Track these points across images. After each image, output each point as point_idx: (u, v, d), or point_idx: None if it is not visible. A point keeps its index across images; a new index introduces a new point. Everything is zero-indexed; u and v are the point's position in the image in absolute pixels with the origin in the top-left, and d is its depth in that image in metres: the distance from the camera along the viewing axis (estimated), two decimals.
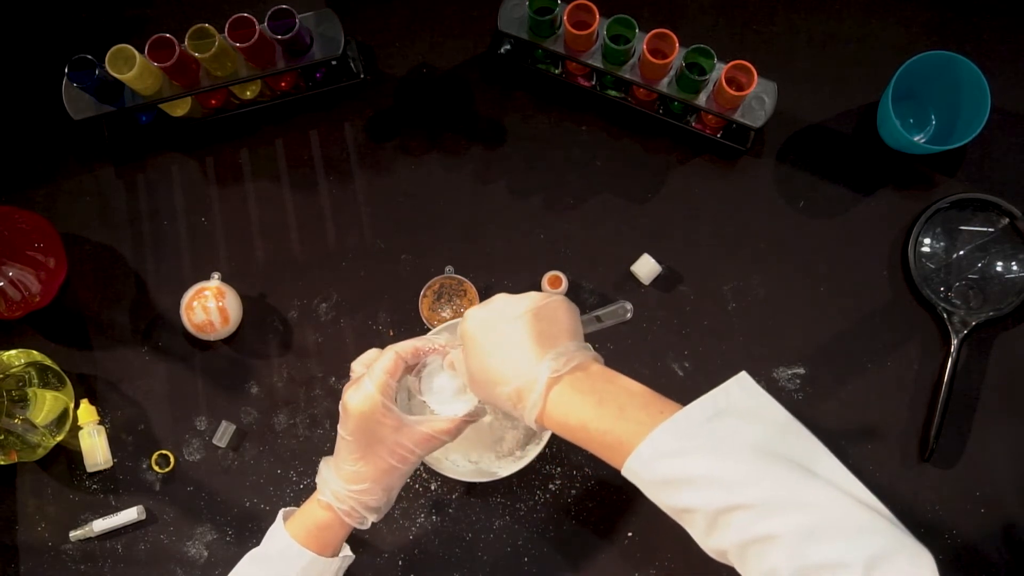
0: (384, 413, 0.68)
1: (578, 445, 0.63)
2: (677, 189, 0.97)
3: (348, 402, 0.69)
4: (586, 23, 0.88)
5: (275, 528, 0.74)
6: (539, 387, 0.62)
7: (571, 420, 0.62)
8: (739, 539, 0.54)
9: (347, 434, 0.70)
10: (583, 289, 0.95)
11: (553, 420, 0.63)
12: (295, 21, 0.86)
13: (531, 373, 0.63)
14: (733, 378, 0.61)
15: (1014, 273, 0.94)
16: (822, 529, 0.52)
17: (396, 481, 0.72)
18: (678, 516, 0.59)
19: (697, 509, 0.56)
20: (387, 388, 0.69)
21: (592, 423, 0.61)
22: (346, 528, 0.72)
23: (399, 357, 0.70)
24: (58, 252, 0.95)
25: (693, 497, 0.56)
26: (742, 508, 0.54)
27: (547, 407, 0.63)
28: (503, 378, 0.64)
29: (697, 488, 0.56)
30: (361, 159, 0.99)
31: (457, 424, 0.71)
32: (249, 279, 0.97)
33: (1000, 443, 0.91)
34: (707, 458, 0.56)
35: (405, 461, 0.70)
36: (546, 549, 0.91)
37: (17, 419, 0.87)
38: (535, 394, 0.62)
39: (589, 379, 0.63)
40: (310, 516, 0.72)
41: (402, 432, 0.69)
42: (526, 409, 0.63)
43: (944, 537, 0.90)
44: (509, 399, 0.64)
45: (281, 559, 0.71)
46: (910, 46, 0.98)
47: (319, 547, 0.72)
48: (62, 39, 1.02)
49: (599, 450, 0.62)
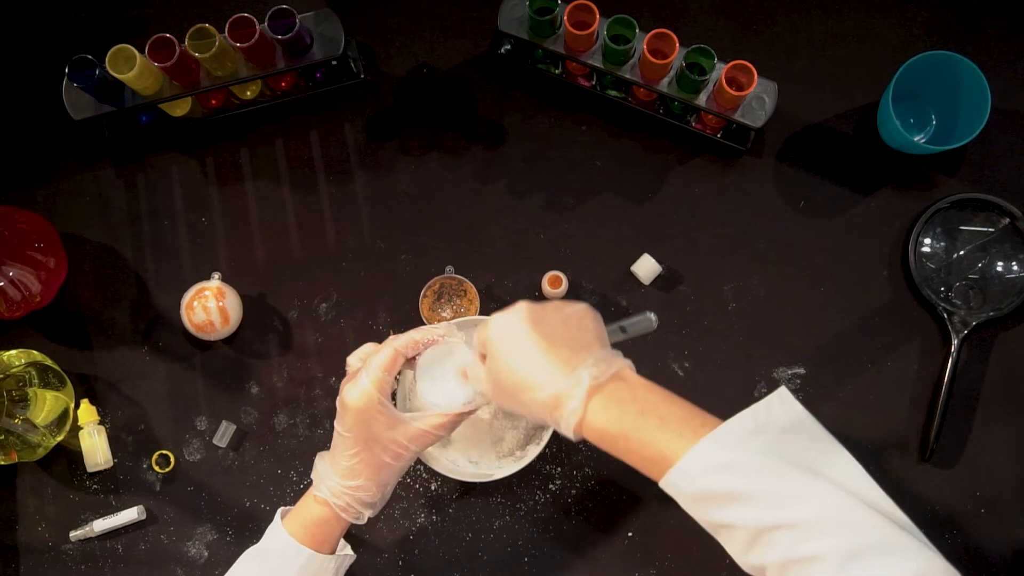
0: (379, 409, 0.68)
1: (613, 455, 0.62)
2: (677, 189, 0.97)
3: (345, 398, 0.69)
4: (586, 23, 0.88)
5: (273, 526, 0.74)
6: (580, 394, 0.61)
7: (611, 429, 0.61)
8: (782, 558, 0.54)
9: (344, 430, 0.70)
10: (583, 289, 0.95)
11: (593, 429, 0.62)
12: (295, 21, 0.86)
13: (569, 379, 0.62)
14: (774, 393, 0.60)
15: (1014, 273, 0.94)
16: (866, 551, 0.52)
17: (391, 477, 0.72)
18: (715, 530, 0.59)
19: (739, 525, 0.56)
20: (383, 384, 0.69)
21: (633, 433, 0.60)
22: (342, 524, 0.72)
23: (397, 353, 0.70)
24: (58, 252, 0.95)
25: (735, 514, 0.56)
26: (786, 527, 0.54)
27: (587, 416, 0.62)
28: (536, 384, 0.63)
29: (740, 504, 0.56)
30: (361, 159, 0.99)
31: (451, 419, 0.71)
32: (249, 279, 0.97)
33: (1000, 443, 0.91)
34: (751, 474, 0.56)
35: (399, 457, 0.70)
36: (546, 549, 0.91)
37: (17, 419, 0.87)
38: (575, 401, 0.61)
39: (629, 388, 0.62)
40: (306, 512, 0.73)
41: (396, 428, 0.69)
42: (563, 417, 0.62)
43: (944, 537, 0.90)
44: (544, 406, 0.63)
45: (279, 556, 0.72)
46: (910, 46, 0.98)
47: (316, 543, 0.72)
48: (62, 39, 1.02)
49: (637, 461, 0.61)
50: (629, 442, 0.61)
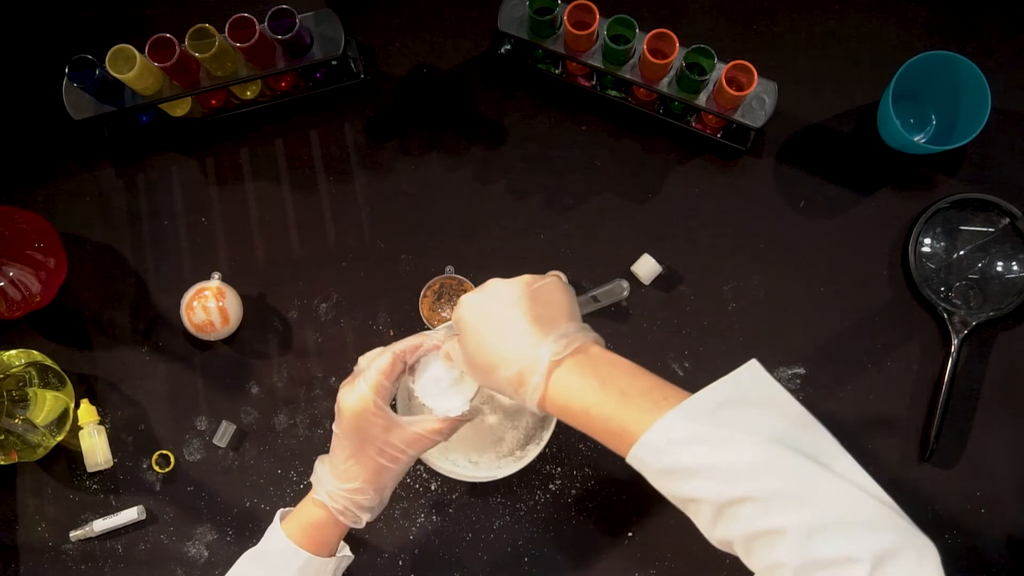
0: (375, 413, 0.68)
1: (580, 430, 0.62)
2: (677, 189, 0.97)
3: (341, 400, 0.69)
4: (586, 23, 0.88)
5: (272, 528, 0.74)
6: (541, 370, 0.61)
7: (573, 404, 0.61)
8: (746, 531, 0.53)
9: (341, 433, 0.70)
10: (583, 289, 0.95)
11: (555, 404, 0.62)
12: (295, 21, 0.86)
13: (531, 355, 0.62)
14: (744, 366, 0.59)
15: (1014, 273, 0.94)
16: (830, 524, 0.51)
17: (388, 481, 0.72)
18: (683, 505, 0.58)
19: (704, 499, 0.55)
20: (381, 388, 0.68)
21: (594, 408, 0.60)
22: (341, 527, 0.72)
23: (396, 358, 0.70)
24: (58, 252, 0.95)
25: (700, 487, 0.55)
26: (750, 500, 0.53)
27: (549, 391, 0.61)
28: (502, 361, 0.63)
29: (704, 478, 0.55)
30: (361, 159, 0.99)
31: (449, 424, 0.71)
32: (249, 279, 0.97)
33: (1000, 443, 0.91)
34: (716, 448, 0.55)
35: (396, 461, 0.70)
36: (546, 549, 0.91)
37: (17, 419, 0.87)
38: (536, 376, 0.61)
39: (591, 362, 0.62)
40: (305, 515, 0.72)
41: (393, 432, 0.69)
42: (527, 393, 0.62)
43: (944, 537, 0.90)
44: (510, 383, 0.63)
45: (278, 559, 0.71)
46: (910, 46, 0.98)
47: (315, 546, 0.71)
48: (62, 39, 1.02)
49: (601, 436, 0.61)
50: (590, 417, 0.60)
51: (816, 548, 0.51)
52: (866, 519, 0.52)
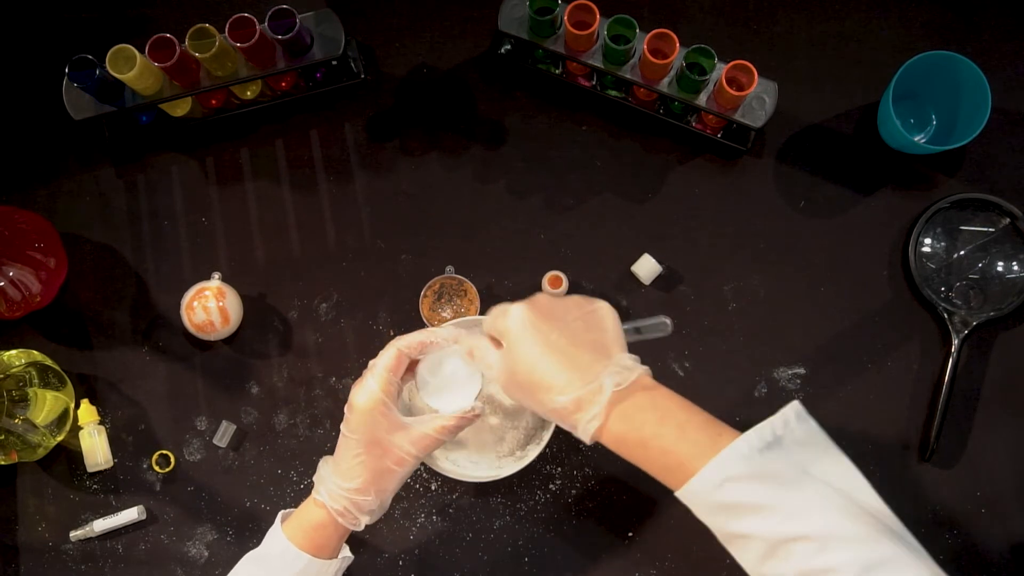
0: (383, 412, 0.69)
1: (630, 461, 0.63)
2: (677, 189, 0.97)
3: (353, 400, 0.69)
4: (586, 23, 0.88)
5: (273, 530, 0.74)
6: (601, 401, 0.61)
7: (630, 437, 0.62)
8: (797, 570, 0.55)
9: (348, 431, 0.70)
10: (583, 289, 0.95)
11: (612, 434, 0.62)
12: (295, 21, 0.86)
13: (591, 385, 0.62)
14: (788, 406, 0.60)
15: (1015, 273, 0.94)
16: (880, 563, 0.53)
17: (390, 484, 0.71)
18: (729, 541, 0.59)
19: (756, 536, 0.56)
20: (388, 385, 0.69)
21: (652, 441, 0.61)
22: (341, 529, 0.72)
23: (401, 354, 0.70)
24: (58, 252, 0.95)
25: (753, 524, 0.56)
26: (803, 539, 0.54)
27: (608, 423, 0.62)
28: (555, 386, 0.63)
29: (758, 516, 0.56)
30: (361, 159, 0.99)
31: (454, 423, 0.71)
32: (249, 279, 0.97)
33: (1000, 443, 0.91)
34: (769, 486, 0.56)
35: (402, 463, 0.70)
36: (546, 549, 0.91)
37: (17, 419, 0.87)
38: (597, 407, 0.61)
39: (648, 396, 0.63)
40: (305, 516, 0.72)
41: (398, 432, 0.69)
42: (582, 422, 0.62)
43: (944, 537, 0.90)
44: (564, 408, 0.63)
45: (279, 561, 0.71)
46: (910, 46, 0.98)
47: (315, 548, 0.71)
48: (62, 39, 1.02)
49: (655, 469, 0.62)
50: (648, 450, 0.61)
51: None
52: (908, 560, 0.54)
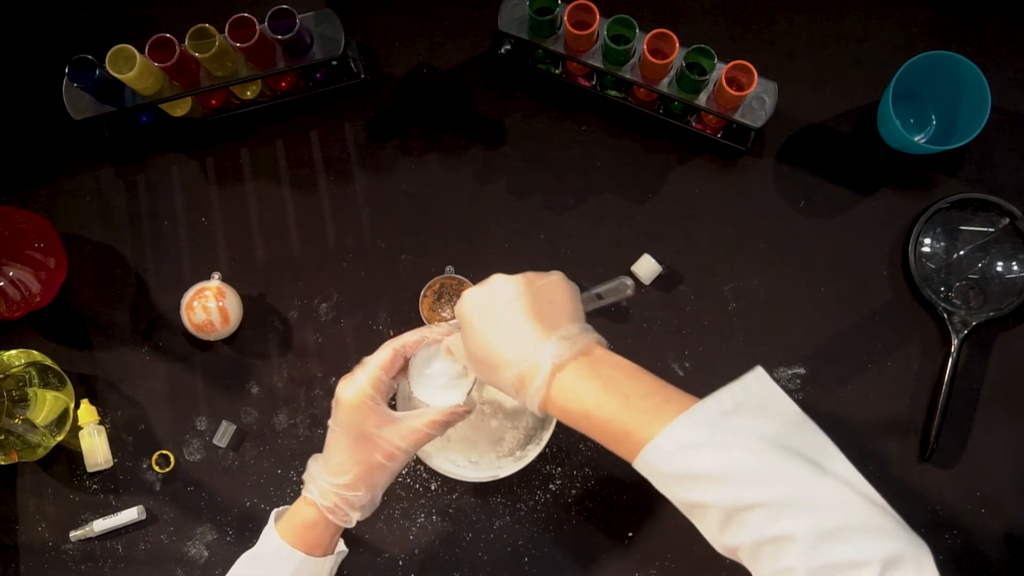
0: (371, 406, 0.68)
1: (583, 433, 0.62)
2: (677, 189, 0.97)
3: (339, 394, 0.69)
4: (586, 23, 0.88)
5: (267, 529, 0.74)
6: (543, 373, 0.61)
7: (574, 407, 0.61)
8: (753, 538, 0.53)
9: (336, 425, 0.70)
10: (583, 289, 0.95)
11: (557, 406, 0.62)
12: (295, 21, 0.86)
13: (533, 358, 0.61)
14: (750, 372, 0.59)
15: (1014, 273, 0.94)
16: (838, 530, 0.52)
17: (381, 480, 0.71)
18: (689, 511, 0.58)
19: (712, 505, 0.55)
20: (379, 383, 0.69)
21: (595, 411, 0.60)
22: (333, 527, 0.72)
23: (396, 353, 0.70)
24: (58, 252, 0.95)
25: (709, 493, 0.55)
26: (758, 507, 0.53)
27: (551, 394, 0.61)
28: (504, 362, 0.63)
29: (713, 484, 0.55)
30: (361, 159, 0.99)
31: (444, 417, 0.70)
32: (249, 279, 0.97)
33: (1000, 443, 0.91)
34: (725, 453, 0.55)
35: (392, 458, 0.70)
36: (546, 549, 0.91)
37: (17, 419, 0.87)
38: (538, 380, 0.61)
39: (592, 364, 0.61)
40: (297, 515, 0.72)
41: (388, 427, 0.69)
42: (529, 395, 0.62)
43: (944, 537, 0.90)
44: (512, 384, 0.63)
45: (273, 560, 0.71)
46: (910, 46, 0.98)
47: (308, 547, 0.71)
48: (62, 39, 1.02)
49: (604, 439, 0.61)
50: (592, 420, 0.60)
51: (826, 553, 0.51)
52: (873, 525, 0.52)
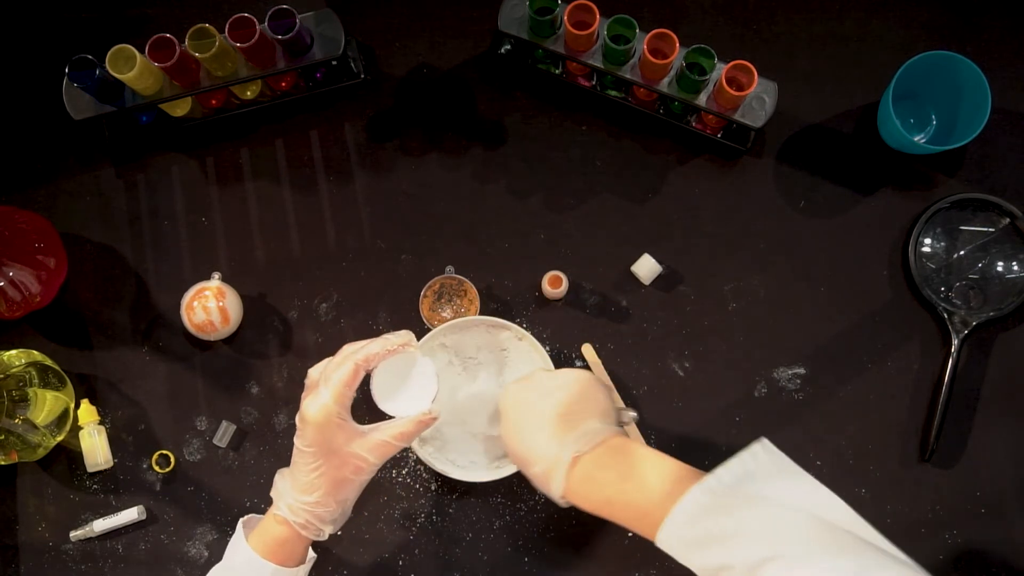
0: (338, 424, 0.68)
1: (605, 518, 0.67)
2: (677, 189, 0.97)
3: (305, 412, 0.68)
4: (586, 23, 0.88)
5: (236, 541, 0.73)
6: (562, 469, 0.67)
7: (594, 497, 0.67)
8: None
9: (304, 445, 0.69)
10: (583, 289, 0.95)
11: (578, 496, 0.68)
12: (295, 21, 0.86)
13: (554, 455, 0.68)
14: (756, 442, 0.64)
15: (1015, 273, 0.94)
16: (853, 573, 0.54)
17: (350, 493, 0.71)
18: None
19: (731, 565, 0.58)
20: (343, 398, 0.68)
21: (616, 497, 0.65)
22: (304, 540, 0.72)
23: (358, 367, 0.69)
24: (58, 252, 0.95)
25: (727, 553, 0.58)
26: (777, 558, 0.56)
27: (572, 486, 0.67)
28: (532, 459, 0.70)
29: (730, 544, 0.58)
30: (361, 159, 0.99)
31: (413, 428, 0.71)
32: (249, 279, 0.97)
33: (1000, 443, 0.91)
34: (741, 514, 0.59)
35: (359, 471, 0.70)
36: (546, 549, 0.91)
37: (17, 419, 0.87)
38: (559, 475, 0.67)
39: (612, 455, 0.67)
40: (268, 532, 0.72)
41: (355, 441, 0.69)
42: (552, 488, 0.68)
43: (944, 537, 0.90)
44: (537, 479, 0.70)
45: (247, 572, 0.71)
46: (910, 46, 0.98)
47: (281, 560, 0.71)
48: (62, 39, 1.02)
49: (625, 522, 0.66)
50: (613, 506, 0.66)
51: None
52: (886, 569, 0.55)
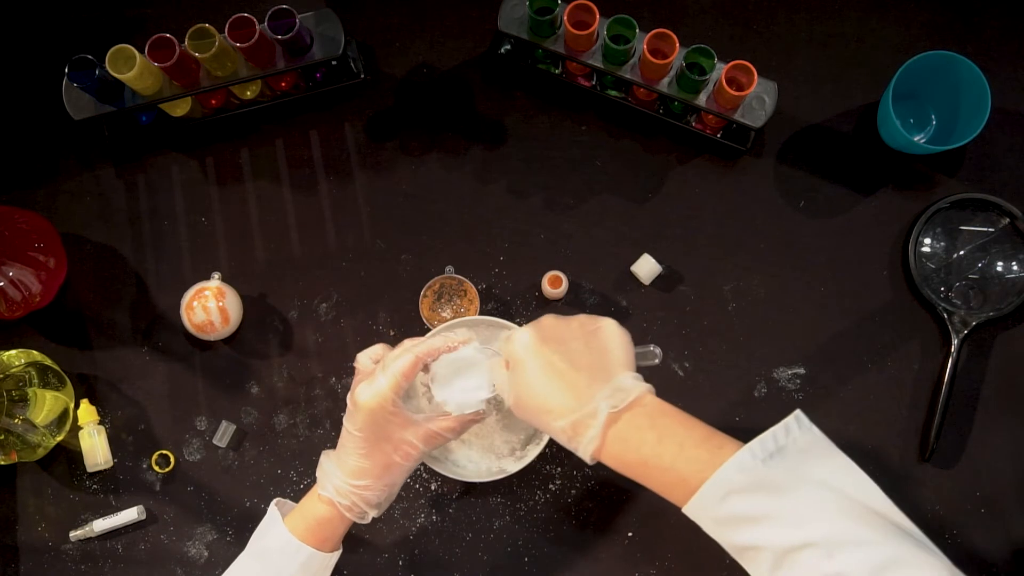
0: (392, 411, 0.69)
1: (634, 479, 0.63)
2: (677, 189, 0.97)
3: (359, 397, 0.69)
4: (586, 23, 0.88)
5: (272, 522, 0.74)
6: (597, 424, 0.62)
7: (629, 457, 0.62)
8: None
9: (355, 429, 0.70)
10: (583, 289, 0.95)
11: (611, 456, 0.63)
12: (295, 21, 0.86)
13: (587, 408, 0.63)
14: (791, 415, 0.61)
15: (1014, 273, 0.94)
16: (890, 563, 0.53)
17: (398, 477, 0.72)
18: (739, 554, 0.60)
19: (763, 547, 0.57)
20: (399, 387, 0.69)
21: (652, 460, 0.61)
22: (346, 523, 0.73)
23: (418, 360, 0.70)
24: (58, 252, 0.95)
25: (761, 535, 0.57)
26: (811, 546, 0.54)
27: (606, 443, 0.63)
28: (556, 410, 0.64)
29: (764, 526, 0.56)
30: (361, 159, 0.99)
31: (462, 422, 0.72)
32: (249, 279, 0.97)
33: (1000, 443, 0.91)
34: (774, 495, 0.57)
35: (409, 457, 0.71)
36: (546, 549, 0.91)
37: (17, 419, 0.87)
38: (593, 431, 0.62)
39: (647, 415, 0.63)
40: (310, 510, 0.73)
41: (408, 429, 0.70)
42: (582, 444, 0.64)
43: (944, 537, 0.90)
44: (563, 431, 0.64)
45: (280, 555, 0.71)
46: (910, 46, 0.98)
47: (318, 542, 0.72)
48: (62, 39, 1.02)
49: (658, 486, 0.62)
50: (649, 469, 0.62)
51: None
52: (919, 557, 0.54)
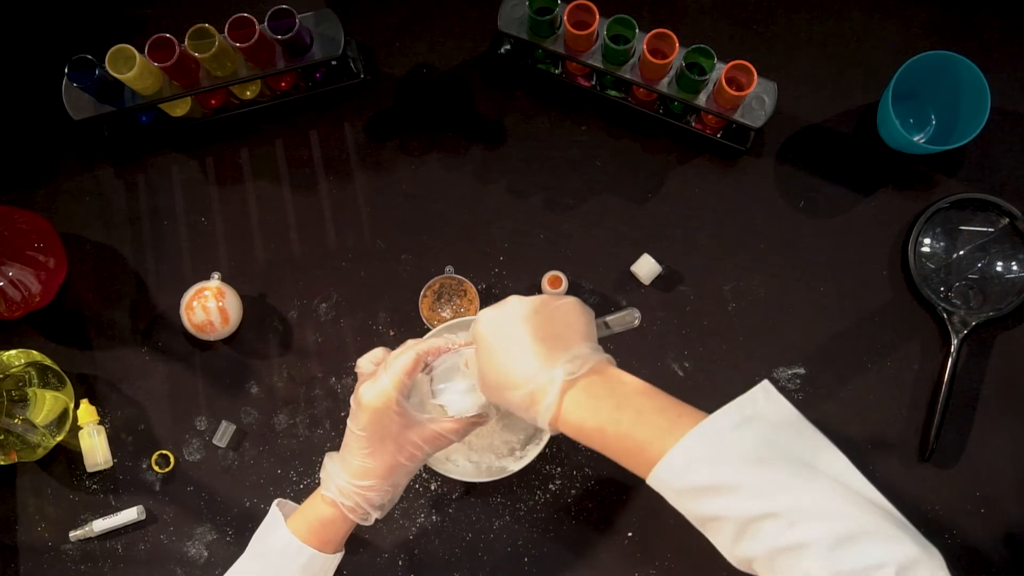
0: (396, 410, 0.69)
1: (594, 449, 0.63)
2: (677, 189, 0.97)
3: (363, 397, 0.69)
4: (586, 23, 0.88)
5: (274, 523, 0.74)
6: (553, 390, 0.62)
7: (587, 424, 0.62)
8: (769, 547, 0.54)
9: (359, 429, 0.70)
10: (583, 289, 0.95)
11: (568, 424, 0.63)
12: (295, 21, 0.86)
13: (544, 376, 0.63)
14: (758, 386, 0.61)
15: (1014, 273, 0.94)
16: (853, 535, 0.52)
17: (402, 479, 0.72)
18: (703, 524, 0.59)
19: (726, 517, 0.56)
20: (402, 386, 0.69)
21: (610, 427, 0.61)
22: (349, 524, 0.72)
23: (419, 357, 0.70)
24: (58, 252, 0.95)
25: (722, 505, 0.56)
26: (772, 516, 0.54)
27: (562, 411, 0.63)
28: (514, 382, 0.64)
29: (727, 496, 0.56)
30: (361, 159, 0.99)
31: (465, 424, 0.72)
32: (249, 279, 0.97)
33: (1000, 443, 0.91)
34: (737, 466, 0.56)
35: (413, 458, 0.71)
36: (546, 549, 0.91)
37: (17, 419, 0.87)
38: (550, 397, 0.62)
39: (605, 383, 0.63)
40: (313, 511, 0.73)
41: (412, 429, 0.70)
42: (539, 412, 0.63)
43: (944, 537, 0.90)
44: (522, 402, 0.64)
45: (281, 556, 0.71)
46: (910, 46, 0.98)
47: (320, 543, 0.72)
48: (62, 39, 1.02)
49: (617, 455, 0.62)
50: (606, 436, 0.61)
51: (842, 559, 0.52)
52: (886, 531, 0.53)
